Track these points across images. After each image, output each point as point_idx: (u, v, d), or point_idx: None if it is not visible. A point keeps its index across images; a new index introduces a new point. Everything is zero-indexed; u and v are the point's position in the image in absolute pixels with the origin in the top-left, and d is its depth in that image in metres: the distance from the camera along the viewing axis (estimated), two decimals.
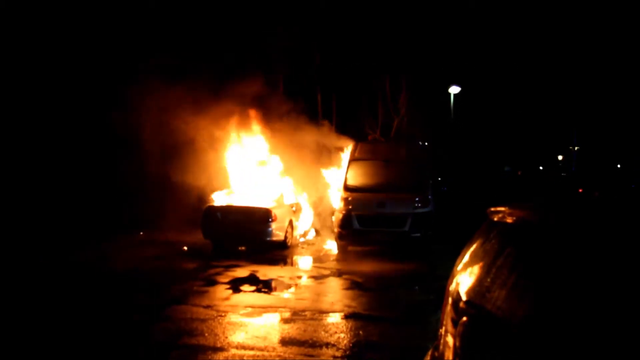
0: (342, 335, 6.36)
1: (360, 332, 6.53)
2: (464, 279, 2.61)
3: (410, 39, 21.67)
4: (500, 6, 25.52)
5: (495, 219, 2.76)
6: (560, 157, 53.67)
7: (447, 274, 3.45)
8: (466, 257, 2.76)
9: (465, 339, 2.25)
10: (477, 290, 2.34)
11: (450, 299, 2.68)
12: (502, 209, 2.72)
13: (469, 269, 2.63)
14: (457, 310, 2.44)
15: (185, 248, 13.25)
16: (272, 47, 18.70)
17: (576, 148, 47.09)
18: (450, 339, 2.65)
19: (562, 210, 2.75)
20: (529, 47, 29.50)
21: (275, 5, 19.03)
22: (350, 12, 20.99)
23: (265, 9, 18.71)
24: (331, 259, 12.40)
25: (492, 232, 2.65)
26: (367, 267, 11.19)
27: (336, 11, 20.85)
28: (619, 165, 45.62)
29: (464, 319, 2.30)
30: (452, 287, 2.78)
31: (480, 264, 2.50)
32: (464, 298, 2.45)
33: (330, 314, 7.36)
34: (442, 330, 2.73)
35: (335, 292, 9.19)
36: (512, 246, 2.38)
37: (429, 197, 12.80)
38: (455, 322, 2.57)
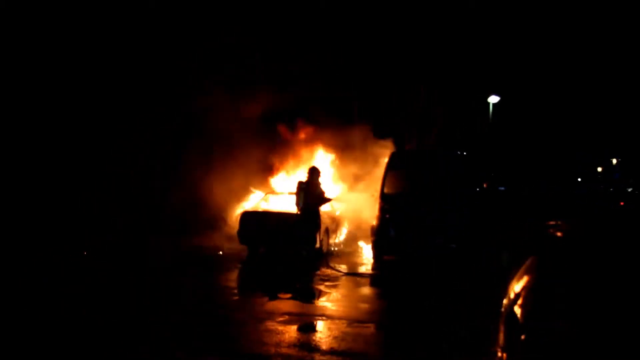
0: (379, 346, 6.28)
1: (397, 343, 6.44)
2: (520, 294, 2.52)
3: (449, 48, 21.49)
4: (541, 18, 25.15)
5: (552, 232, 2.67)
6: (599, 169, 52.29)
7: (483, 287, 3.33)
8: (522, 273, 2.67)
9: (527, 356, 2.16)
10: (537, 307, 2.25)
11: (505, 315, 2.59)
12: (560, 223, 2.62)
13: (527, 286, 2.54)
14: (515, 327, 2.36)
15: (221, 252, 13.34)
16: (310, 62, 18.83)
17: (617, 160, 45.95)
18: (502, 355, 2.57)
19: (622, 224, 2.64)
20: (568, 58, 28.97)
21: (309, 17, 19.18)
22: (388, 20, 20.93)
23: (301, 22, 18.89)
24: (367, 267, 12.30)
25: (550, 247, 2.56)
26: (402, 276, 11.02)
27: (374, 20, 20.81)
28: None
29: (523, 337, 2.22)
30: (506, 302, 2.69)
31: (539, 280, 2.41)
32: (520, 315, 2.37)
33: (367, 324, 7.27)
34: (499, 350, 2.64)
35: (371, 302, 9.09)
36: (573, 261, 2.29)
37: (467, 208, 12.57)
38: (508, 339, 2.49)
